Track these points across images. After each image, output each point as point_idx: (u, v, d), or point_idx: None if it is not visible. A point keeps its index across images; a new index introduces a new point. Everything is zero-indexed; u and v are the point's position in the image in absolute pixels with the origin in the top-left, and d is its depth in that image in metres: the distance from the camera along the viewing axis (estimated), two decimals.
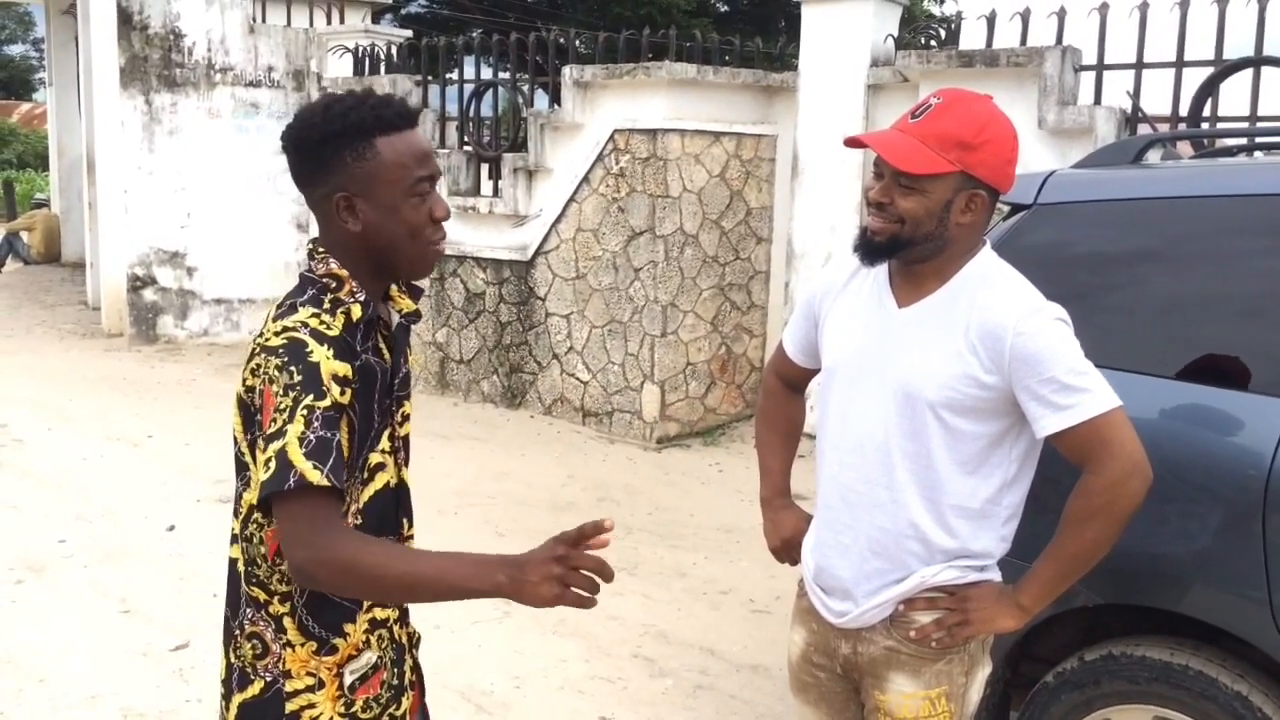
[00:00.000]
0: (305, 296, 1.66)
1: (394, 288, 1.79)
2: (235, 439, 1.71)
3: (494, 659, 4.10)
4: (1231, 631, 2.35)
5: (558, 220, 7.64)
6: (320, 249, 1.71)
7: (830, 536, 2.11)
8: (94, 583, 4.69)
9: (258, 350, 1.60)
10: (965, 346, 1.92)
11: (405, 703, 1.86)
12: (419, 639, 1.95)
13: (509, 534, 5.45)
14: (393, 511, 1.78)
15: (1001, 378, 1.90)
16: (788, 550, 2.33)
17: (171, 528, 5.36)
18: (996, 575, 2.06)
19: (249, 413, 1.64)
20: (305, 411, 1.52)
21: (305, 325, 1.59)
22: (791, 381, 2.39)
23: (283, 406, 1.53)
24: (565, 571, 1.51)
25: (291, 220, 10.23)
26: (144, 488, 5.98)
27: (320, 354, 1.56)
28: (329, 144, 1.64)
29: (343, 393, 1.57)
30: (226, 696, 1.75)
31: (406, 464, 1.83)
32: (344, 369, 1.58)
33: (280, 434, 1.52)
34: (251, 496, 1.67)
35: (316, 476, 1.50)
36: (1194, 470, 2.37)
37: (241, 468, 1.71)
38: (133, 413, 7.57)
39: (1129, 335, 2.53)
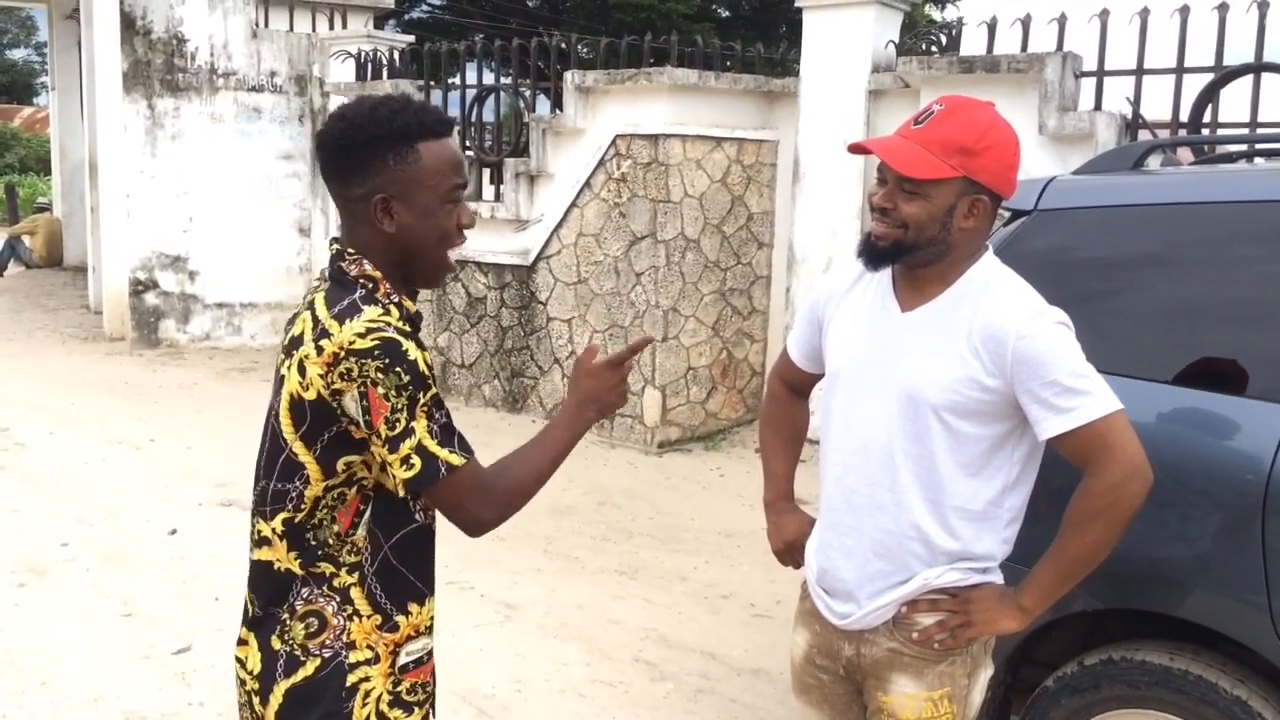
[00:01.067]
0: (358, 295, 1.68)
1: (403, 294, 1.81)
2: (277, 439, 1.71)
3: (495, 662, 4.10)
4: (1231, 636, 2.35)
5: (559, 225, 7.65)
6: (351, 250, 1.72)
7: (833, 539, 2.12)
8: (96, 585, 4.70)
9: (343, 354, 1.61)
10: (968, 350, 1.93)
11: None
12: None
13: (509, 538, 5.45)
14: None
15: (1003, 381, 1.91)
16: (791, 553, 2.34)
17: (173, 531, 5.37)
18: (998, 577, 2.07)
19: (327, 413, 1.65)
20: (424, 408, 1.65)
21: (389, 324, 1.63)
22: (795, 386, 2.40)
23: (399, 406, 1.62)
24: (621, 381, 1.85)
25: (293, 225, 10.25)
26: (146, 491, 5.98)
27: (414, 351, 1.64)
28: (373, 145, 1.68)
29: (433, 379, 1.68)
30: (264, 690, 1.73)
31: None
32: (428, 358, 1.67)
33: (409, 432, 1.63)
34: (322, 486, 1.70)
35: (458, 460, 1.67)
36: (1193, 475, 2.38)
37: (292, 469, 1.71)
38: (134, 416, 7.58)
39: (1128, 340, 2.54)
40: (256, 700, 1.74)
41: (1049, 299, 1.97)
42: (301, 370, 1.65)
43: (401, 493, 1.68)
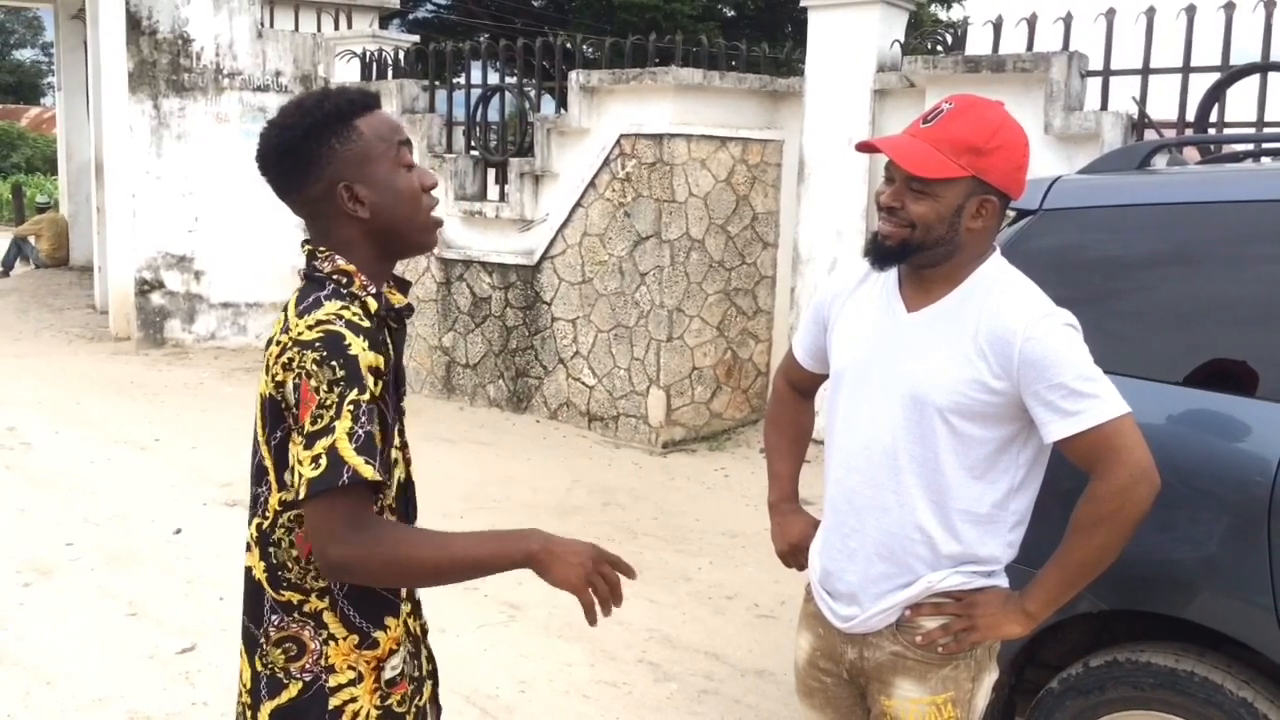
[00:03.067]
0: (325, 291, 1.65)
1: (385, 285, 1.78)
2: (257, 443, 1.69)
3: (499, 663, 4.10)
4: (1237, 638, 2.34)
5: (564, 225, 7.65)
6: (322, 248, 1.70)
7: (837, 541, 2.11)
8: (101, 585, 4.70)
9: (289, 345, 1.58)
10: (974, 351, 1.92)
11: (425, 693, 1.89)
12: (427, 630, 1.96)
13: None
14: (403, 508, 1.80)
15: (1010, 383, 1.90)
16: (794, 555, 2.33)
17: (179, 531, 5.37)
18: (1003, 581, 2.06)
19: (276, 409, 1.62)
20: (351, 407, 1.52)
21: (339, 317, 1.58)
22: (801, 387, 2.39)
23: (328, 402, 1.52)
24: (596, 571, 1.62)
25: (298, 224, 10.18)
26: (151, 491, 5.99)
27: (358, 346, 1.56)
28: (314, 136, 1.66)
29: (377, 384, 1.58)
30: (253, 707, 1.72)
31: (410, 461, 1.85)
32: (377, 360, 1.60)
33: (329, 430, 1.51)
34: (285, 495, 1.64)
35: (369, 472, 1.52)
36: (1200, 476, 2.37)
37: (262, 473, 1.69)
38: (140, 416, 7.59)
39: (1134, 340, 2.53)
40: (249, 713, 1.74)
41: (1054, 299, 1.96)
42: (267, 368, 1.63)
43: (301, 494, 1.52)
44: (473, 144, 8.61)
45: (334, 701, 1.69)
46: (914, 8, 7.31)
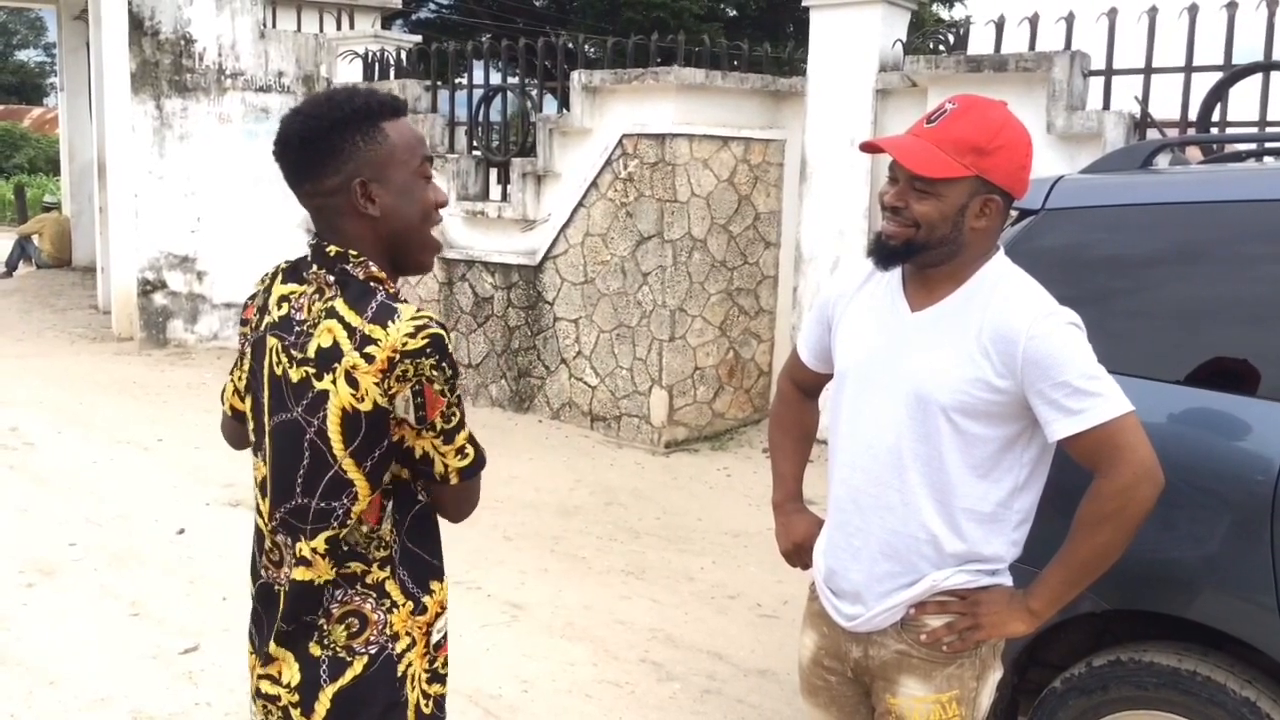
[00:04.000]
0: (383, 295, 1.66)
1: None
2: (330, 457, 1.64)
3: (502, 662, 4.10)
4: (1240, 637, 2.34)
5: (566, 225, 7.65)
6: (354, 252, 1.68)
7: (841, 539, 2.12)
8: (104, 585, 4.71)
9: (398, 357, 1.59)
10: (978, 350, 1.92)
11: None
12: None
13: (516, 538, 5.46)
14: None
15: (1014, 382, 1.90)
16: (799, 554, 2.34)
17: (181, 531, 5.38)
18: (1007, 580, 2.06)
19: (383, 422, 1.63)
20: (463, 401, 1.72)
21: (431, 319, 1.64)
22: (805, 386, 2.39)
23: (454, 401, 1.68)
24: None
25: (301, 224, 10.23)
26: (154, 491, 6.00)
27: (451, 343, 1.68)
28: (339, 130, 1.65)
29: None
30: (307, 701, 1.70)
31: None
32: None
33: (462, 424, 1.71)
34: (369, 500, 1.68)
35: (485, 453, 1.78)
36: (1202, 475, 2.37)
37: (340, 486, 1.65)
38: (142, 416, 7.60)
39: (1137, 340, 2.53)
40: (296, 713, 1.71)
41: (1057, 299, 1.96)
42: (351, 382, 1.60)
43: (454, 480, 1.72)
44: (475, 144, 8.61)
45: (400, 668, 1.73)
46: (916, 7, 7.31)
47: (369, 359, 1.59)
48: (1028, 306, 1.91)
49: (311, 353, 1.64)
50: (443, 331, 1.64)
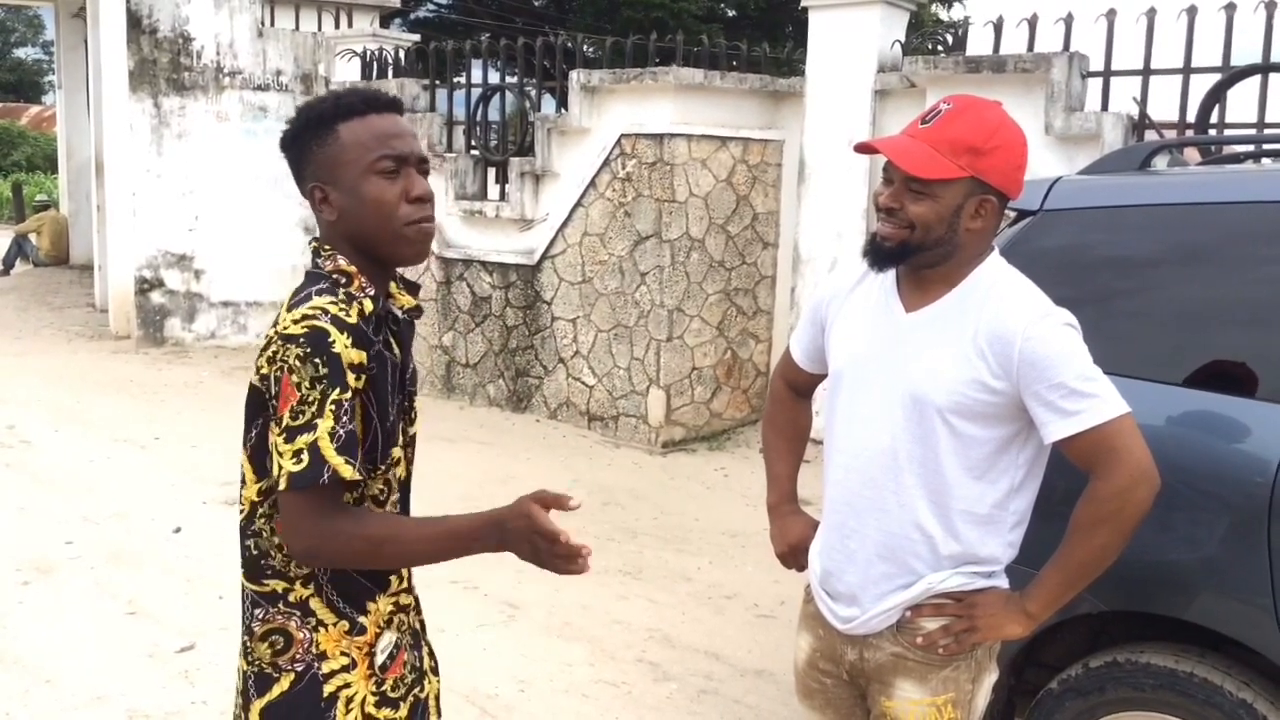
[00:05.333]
0: (319, 286, 1.66)
1: (392, 285, 1.79)
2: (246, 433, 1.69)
3: (499, 662, 4.10)
4: (1237, 639, 2.34)
5: (564, 224, 7.65)
6: (326, 246, 1.72)
7: (837, 541, 2.11)
8: (100, 584, 4.70)
9: (274, 338, 1.59)
10: (974, 351, 1.92)
11: (428, 687, 1.89)
12: (425, 626, 1.96)
13: None
14: (404, 509, 1.82)
15: (1010, 383, 1.90)
16: (794, 556, 2.33)
17: (178, 529, 5.37)
18: (1003, 581, 2.06)
19: (259, 401, 1.64)
20: (334, 406, 1.55)
21: (325, 312, 1.59)
22: (798, 387, 2.39)
23: (310, 399, 1.55)
24: (543, 549, 1.60)
25: (299, 223, 10.26)
26: (151, 489, 5.99)
27: (341, 343, 1.57)
28: (300, 137, 1.70)
29: (358, 379, 1.60)
30: (245, 707, 1.72)
31: (412, 461, 1.85)
32: (360, 356, 1.60)
33: (310, 427, 1.55)
34: (264, 484, 1.65)
35: (349, 472, 1.56)
36: (1200, 477, 2.37)
37: (241, 469, 1.70)
38: (140, 415, 7.59)
39: (1134, 341, 2.53)
40: (243, 715, 1.73)
41: (1054, 300, 1.96)
42: (258, 360, 1.65)
43: (282, 486, 1.56)
44: (473, 143, 8.61)
45: (328, 689, 1.69)
46: (915, 8, 7.31)
47: (265, 338, 1.63)
48: (1024, 308, 1.91)
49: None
50: (331, 329, 1.57)
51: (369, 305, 1.67)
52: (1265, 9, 5.65)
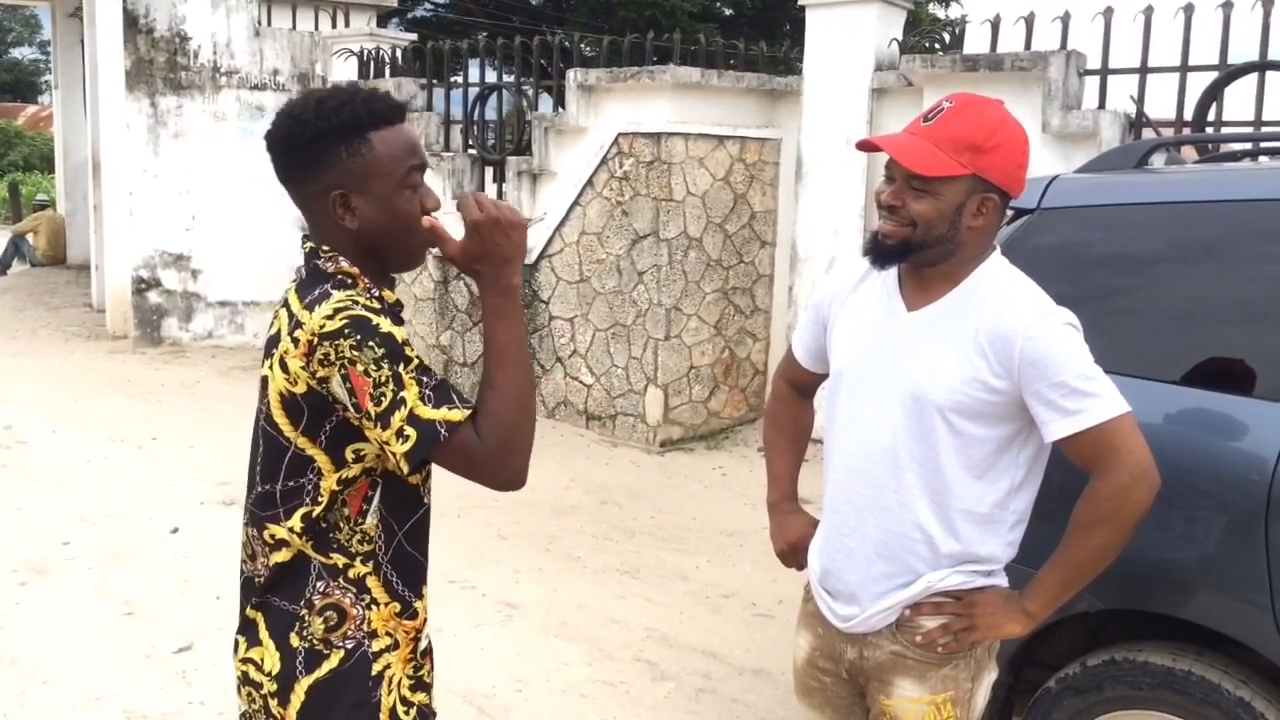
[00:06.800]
0: (331, 284, 1.65)
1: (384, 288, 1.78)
2: (284, 440, 1.66)
3: (496, 662, 4.10)
4: (1235, 637, 2.34)
5: (561, 224, 7.64)
6: (325, 248, 1.69)
7: (836, 540, 2.11)
8: (98, 584, 4.69)
9: (317, 340, 1.57)
10: (974, 350, 1.92)
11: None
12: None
13: (511, 536, 5.45)
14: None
15: (1011, 382, 1.90)
16: (794, 554, 2.33)
17: (175, 530, 5.37)
18: (1003, 581, 2.06)
19: (321, 403, 1.61)
20: (410, 376, 1.56)
21: (355, 302, 1.59)
22: (800, 386, 2.39)
23: (383, 379, 1.55)
24: (488, 213, 1.63)
25: (296, 223, 10.22)
26: (148, 490, 5.98)
27: (386, 324, 1.58)
28: (322, 141, 1.64)
29: (411, 348, 1.60)
30: (284, 690, 1.69)
31: None
32: (403, 333, 1.61)
33: (399, 403, 1.55)
34: (345, 473, 1.65)
35: (458, 415, 1.57)
36: (1197, 475, 2.37)
37: (304, 464, 1.66)
38: (137, 415, 7.58)
39: (1133, 339, 2.53)
40: (274, 703, 1.70)
41: (1052, 298, 1.96)
42: (284, 367, 1.62)
43: (405, 469, 1.58)
44: (470, 142, 8.60)
45: (376, 666, 1.71)
46: (912, 6, 7.31)
47: (295, 343, 1.60)
48: (1025, 306, 1.91)
49: (267, 340, 1.69)
50: (368, 314, 1.57)
51: (376, 306, 1.66)
52: (1262, 7, 5.65)
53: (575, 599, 4.69)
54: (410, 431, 1.55)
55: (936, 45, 7.44)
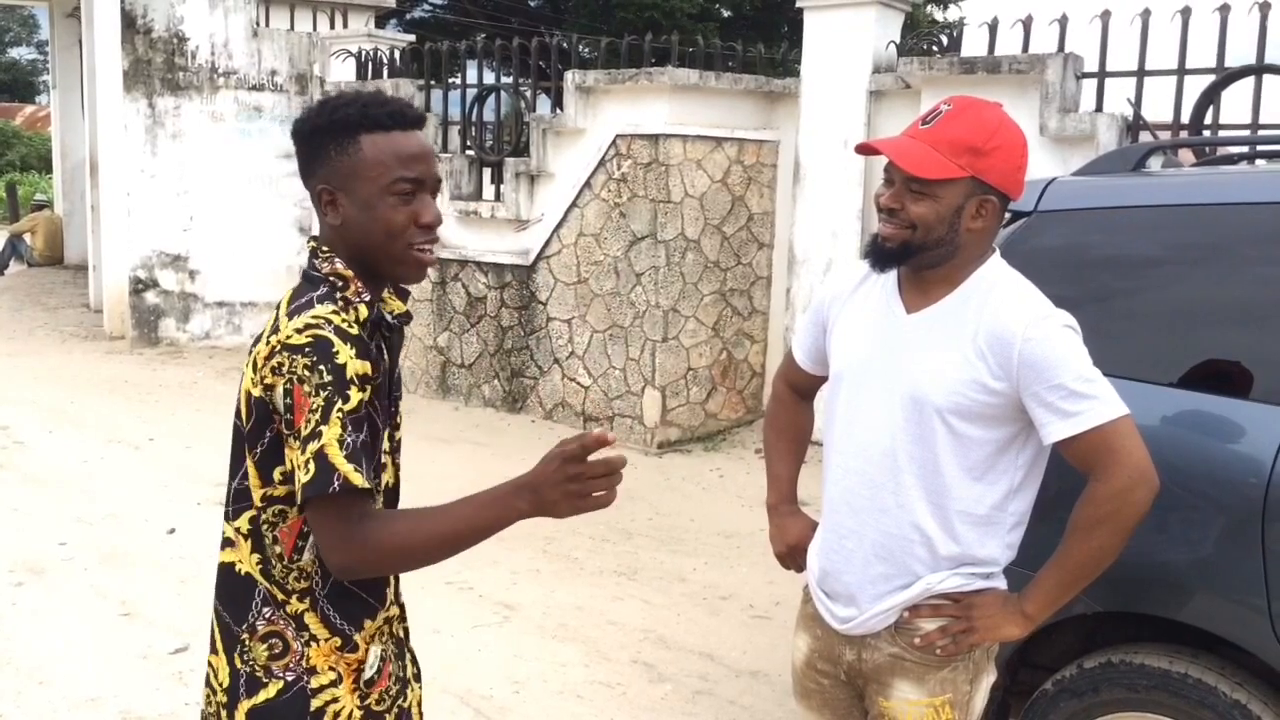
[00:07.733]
0: (319, 293, 1.65)
1: (385, 291, 1.78)
2: (241, 437, 1.67)
3: (493, 663, 4.10)
4: (1231, 640, 2.35)
5: (559, 225, 7.65)
6: (324, 248, 1.71)
7: (835, 541, 2.11)
8: (94, 585, 4.69)
9: (279, 348, 1.57)
10: (974, 352, 1.92)
11: (410, 695, 1.88)
12: (409, 633, 1.95)
13: (508, 538, 5.42)
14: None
15: (1009, 384, 1.90)
16: (793, 556, 2.33)
17: (172, 530, 5.36)
18: (1002, 583, 2.06)
19: (265, 411, 1.61)
20: (339, 415, 1.54)
21: (328, 322, 1.58)
22: (800, 389, 2.39)
23: (315, 407, 1.54)
24: (580, 485, 1.57)
25: (293, 223, 10.25)
26: (145, 490, 5.98)
27: (345, 354, 1.56)
28: (317, 136, 1.68)
29: (362, 390, 1.58)
30: (229, 705, 1.71)
31: (399, 466, 1.84)
32: (365, 368, 1.59)
33: (315, 435, 1.53)
34: (270, 490, 1.65)
35: (359, 480, 1.53)
36: (1194, 478, 2.37)
37: (240, 467, 1.68)
38: (134, 415, 7.57)
39: (1130, 342, 2.54)
40: (224, 713, 1.72)
41: (1049, 300, 1.96)
42: (254, 366, 1.62)
43: (298, 499, 1.56)
44: (468, 144, 8.60)
45: (315, 703, 1.69)
46: (910, 9, 7.32)
47: (267, 345, 1.60)
48: (1024, 309, 1.91)
49: (255, 341, 1.69)
50: (334, 339, 1.56)
51: (364, 311, 1.67)
52: (1259, 10, 5.66)
53: (573, 600, 4.69)
54: (313, 467, 1.53)
55: (934, 48, 7.44)
